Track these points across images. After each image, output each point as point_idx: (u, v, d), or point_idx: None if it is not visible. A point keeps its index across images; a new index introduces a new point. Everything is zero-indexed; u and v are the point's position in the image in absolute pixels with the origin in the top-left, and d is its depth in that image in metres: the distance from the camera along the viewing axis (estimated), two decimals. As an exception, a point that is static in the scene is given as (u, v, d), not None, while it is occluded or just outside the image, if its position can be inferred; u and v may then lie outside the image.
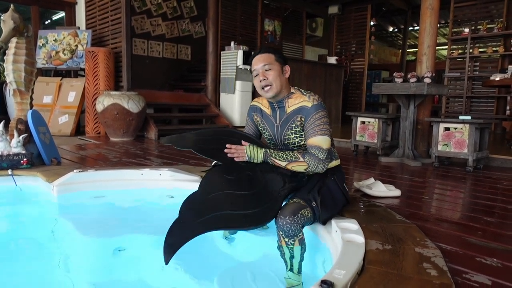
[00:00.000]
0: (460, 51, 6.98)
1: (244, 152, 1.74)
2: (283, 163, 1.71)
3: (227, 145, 1.76)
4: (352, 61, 8.61)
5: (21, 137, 2.83)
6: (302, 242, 1.54)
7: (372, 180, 2.55)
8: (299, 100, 1.77)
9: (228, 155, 1.74)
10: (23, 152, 2.79)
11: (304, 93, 1.78)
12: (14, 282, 1.59)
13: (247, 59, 6.44)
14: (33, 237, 2.01)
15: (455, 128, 3.40)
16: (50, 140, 3.20)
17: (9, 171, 2.63)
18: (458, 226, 1.90)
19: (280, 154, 1.72)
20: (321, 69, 7.24)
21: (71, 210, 2.32)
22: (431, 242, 1.56)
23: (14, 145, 2.77)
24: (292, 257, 1.54)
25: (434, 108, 7.73)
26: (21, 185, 2.60)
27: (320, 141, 1.70)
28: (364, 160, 4.05)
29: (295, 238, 1.51)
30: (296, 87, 1.84)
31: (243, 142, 1.79)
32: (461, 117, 3.36)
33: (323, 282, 1.09)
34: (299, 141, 1.81)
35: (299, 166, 1.70)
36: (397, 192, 2.42)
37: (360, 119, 4.17)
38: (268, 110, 1.89)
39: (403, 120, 3.87)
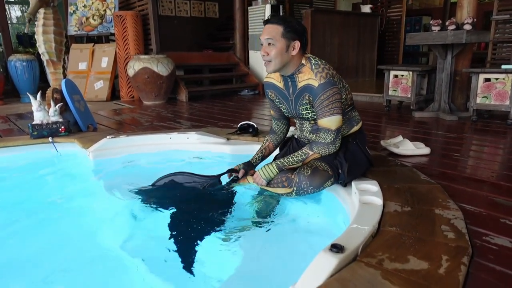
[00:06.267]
0: (511, -10, 6.27)
1: (260, 178, 1.80)
2: (298, 165, 1.76)
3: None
4: (389, 8, 8.02)
5: (57, 106, 2.98)
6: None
7: (400, 138, 2.47)
8: (307, 77, 1.69)
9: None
10: (61, 120, 2.95)
11: (313, 68, 1.68)
12: (54, 237, 1.76)
13: (276, 13, 6.20)
14: (72, 199, 2.17)
15: (496, 79, 3.16)
16: (85, 107, 3.35)
17: (50, 139, 2.82)
18: (487, 185, 1.83)
19: (290, 159, 1.76)
20: (354, 19, 6.84)
21: (106, 173, 2.46)
22: (453, 203, 1.52)
23: (52, 114, 2.93)
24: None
25: (479, 55, 7.16)
26: (62, 151, 2.79)
27: (328, 122, 1.68)
28: (397, 115, 3.91)
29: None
30: (309, 57, 1.73)
31: (254, 158, 1.99)
32: (503, 67, 3.10)
33: (333, 246, 1.11)
34: (313, 116, 1.78)
35: (313, 157, 1.75)
36: (425, 150, 2.34)
37: (392, 73, 3.97)
38: (280, 84, 1.83)
39: (439, 72, 3.64)
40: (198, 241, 1.62)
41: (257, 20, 6.27)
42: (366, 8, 7.15)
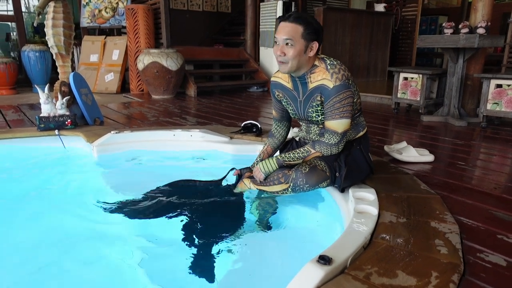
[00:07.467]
0: (532, -8, 6.10)
1: (259, 172, 1.78)
2: (298, 161, 1.74)
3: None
4: (404, 7, 7.88)
5: (64, 99, 3.01)
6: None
7: (404, 144, 2.44)
8: (321, 77, 1.63)
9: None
10: (67, 113, 2.98)
11: (329, 68, 1.62)
12: (52, 230, 1.79)
13: (288, 11, 6.15)
14: (74, 193, 2.20)
15: (508, 85, 3.08)
16: (92, 101, 3.38)
17: (56, 132, 2.86)
18: (488, 198, 1.78)
19: (291, 155, 1.74)
20: (368, 18, 6.74)
21: (109, 169, 2.49)
22: (450, 216, 1.50)
23: (59, 107, 2.97)
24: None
25: (496, 57, 6.98)
26: (67, 144, 2.82)
27: (336, 125, 1.65)
28: (405, 119, 3.85)
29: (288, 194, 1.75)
30: (323, 57, 1.68)
31: (254, 164, 1.96)
32: (516, 73, 3.03)
33: (321, 257, 1.10)
34: (322, 119, 1.73)
35: (315, 156, 1.72)
36: (429, 158, 2.30)
37: (402, 75, 3.91)
38: (289, 85, 1.78)
39: (450, 76, 3.56)
40: (195, 244, 1.63)
41: (268, 17, 6.22)
42: (380, 7, 7.03)
